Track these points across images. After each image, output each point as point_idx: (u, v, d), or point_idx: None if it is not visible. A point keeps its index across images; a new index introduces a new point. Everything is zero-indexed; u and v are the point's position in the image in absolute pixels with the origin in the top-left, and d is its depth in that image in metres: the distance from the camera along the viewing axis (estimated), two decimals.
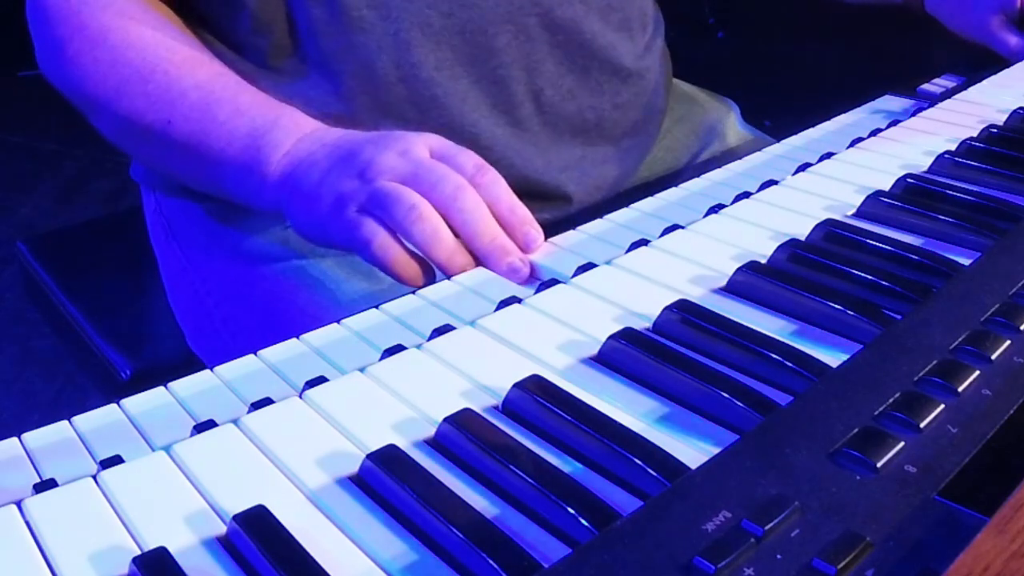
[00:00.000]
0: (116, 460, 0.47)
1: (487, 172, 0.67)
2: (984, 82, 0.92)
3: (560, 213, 0.92)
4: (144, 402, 0.52)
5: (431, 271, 0.66)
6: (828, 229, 0.64)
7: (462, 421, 0.47)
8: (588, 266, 0.62)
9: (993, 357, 0.47)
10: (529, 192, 0.90)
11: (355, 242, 0.66)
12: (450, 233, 0.64)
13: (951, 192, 0.69)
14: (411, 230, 0.64)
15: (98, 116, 0.80)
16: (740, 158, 0.80)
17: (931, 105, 0.88)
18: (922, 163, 0.75)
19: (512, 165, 0.89)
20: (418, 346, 0.55)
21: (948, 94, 0.90)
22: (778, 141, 0.88)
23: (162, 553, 0.40)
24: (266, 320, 0.84)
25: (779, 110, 1.10)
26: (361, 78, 0.84)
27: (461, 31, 0.85)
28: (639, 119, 0.98)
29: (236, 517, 0.41)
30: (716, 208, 0.70)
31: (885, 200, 0.68)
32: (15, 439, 0.49)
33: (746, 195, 0.71)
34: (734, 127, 1.07)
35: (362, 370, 0.53)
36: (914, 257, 0.60)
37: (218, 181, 0.76)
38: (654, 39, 1.00)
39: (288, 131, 0.72)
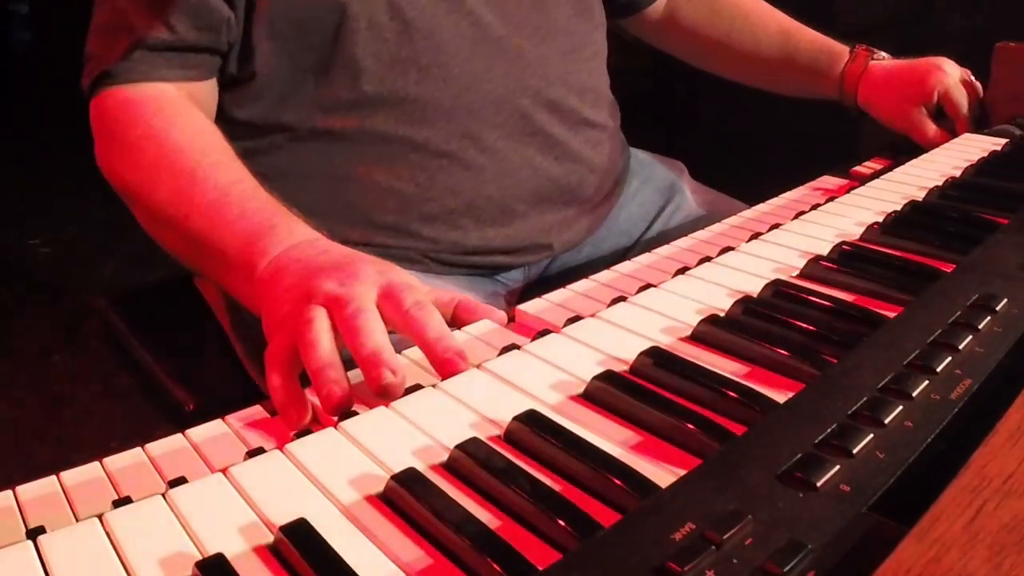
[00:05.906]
0: (181, 480, 0.47)
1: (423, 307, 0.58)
2: (906, 164, 0.93)
3: (543, 258, 0.96)
4: (205, 432, 0.52)
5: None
6: (776, 287, 0.65)
7: (470, 448, 0.47)
8: (576, 318, 0.63)
9: (914, 395, 0.47)
10: (520, 249, 0.92)
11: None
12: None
13: (879, 256, 0.70)
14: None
15: (135, 205, 0.79)
16: (700, 220, 0.80)
17: (862, 184, 0.89)
18: (855, 232, 0.76)
19: (509, 234, 0.90)
20: (433, 385, 0.55)
21: (877, 174, 0.91)
22: (724, 194, 0.89)
23: (220, 558, 0.40)
24: None
25: (730, 187, 1.11)
26: (368, 143, 0.84)
27: (468, 109, 0.86)
28: (608, 183, 1.01)
29: (282, 528, 0.42)
30: (682, 270, 0.70)
31: (824, 263, 0.69)
32: (97, 463, 0.49)
33: (707, 259, 0.72)
34: (688, 181, 1.11)
35: (387, 406, 0.53)
36: (848, 311, 0.61)
37: (222, 276, 0.72)
38: (612, 119, 1.03)
39: (280, 239, 0.66)
